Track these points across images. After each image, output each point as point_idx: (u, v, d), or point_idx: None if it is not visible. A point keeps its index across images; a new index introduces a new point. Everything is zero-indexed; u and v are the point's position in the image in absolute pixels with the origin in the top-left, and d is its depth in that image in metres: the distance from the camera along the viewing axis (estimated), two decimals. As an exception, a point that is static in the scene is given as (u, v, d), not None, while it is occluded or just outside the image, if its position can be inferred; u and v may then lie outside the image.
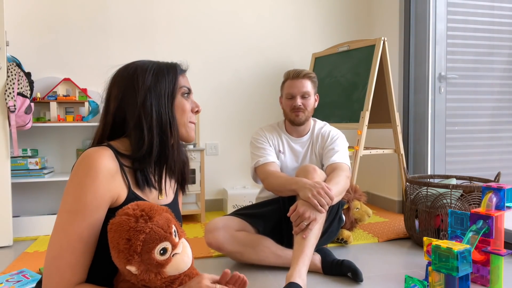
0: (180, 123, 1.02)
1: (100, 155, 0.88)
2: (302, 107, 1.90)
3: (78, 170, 0.87)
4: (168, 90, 0.99)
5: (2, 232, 2.15)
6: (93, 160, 0.87)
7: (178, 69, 1.04)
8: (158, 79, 0.99)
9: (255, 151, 1.93)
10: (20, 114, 2.20)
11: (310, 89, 1.92)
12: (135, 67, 1.00)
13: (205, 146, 3.02)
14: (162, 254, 0.81)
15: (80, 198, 0.85)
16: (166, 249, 0.82)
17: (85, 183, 0.85)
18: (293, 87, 1.91)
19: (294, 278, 1.43)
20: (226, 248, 1.74)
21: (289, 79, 1.94)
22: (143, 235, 0.79)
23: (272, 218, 1.82)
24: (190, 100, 1.05)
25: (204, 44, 3.00)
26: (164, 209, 0.88)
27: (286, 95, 1.94)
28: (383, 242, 2.21)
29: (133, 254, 0.79)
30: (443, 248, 1.30)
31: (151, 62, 1.02)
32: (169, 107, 0.99)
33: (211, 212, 2.97)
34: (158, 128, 0.96)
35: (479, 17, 2.72)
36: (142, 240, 0.79)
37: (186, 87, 1.04)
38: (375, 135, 3.08)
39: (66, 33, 2.71)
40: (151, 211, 0.83)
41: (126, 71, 1.00)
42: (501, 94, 2.76)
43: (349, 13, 3.30)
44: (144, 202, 0.86)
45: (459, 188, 1.94)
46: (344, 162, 1.85)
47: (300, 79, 1.90)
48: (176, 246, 0.84)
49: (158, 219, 0.82)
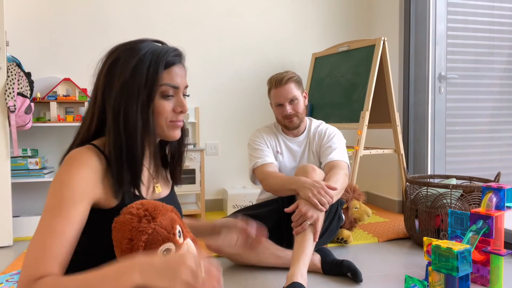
0: (156, 124, 0.91)
1: (86, 152, 0.86)
2: (293, 112, 1.89)
3: (60, 169, 0.85)
4: (143, 89, 0.87)
5: (2, 232, 2.15)
6: (77, 157, 0.85)
7: (162, 63, 0.89)
8: (135, 74, 0.87)
9: (253, 153, 1.93)
10: (20, 114, 2.20)
11: (296, 92, 1.88)
12: (122, 49, 0.91)
13: (205, 146, 3.02)
14: (165, 255, 0.79)
15: (57, 195, 0.81)
16: (170, 250, 0.80)
17: (63, 180, 0.82)
18: (279, 96, 1.88)
19: (296, 277, 1.43)
20: (226, 251, 1.74)
21: (272, 88, 1.91)
22: (145, 235, 0.78)
23: (271, 219, 1.82)
24: (173, 99, 0.92)
25: (204, 44, 3.00)
26: (169, 209, 0.86)
27: (274, 104, 1.93)
28: (383, 242, 2.21)
29: (136, 255, 0.77)
30: (443, 248, 1.30)
31: (141, 47, 0.90)
32: (141, 109, 0.87)
33: (211, 212, 2.97)
34: (124, 131, 0.87)
35: (479, 17, 2.72)
36: (144, 241, 0.78)
37: (169, 85, 0.90)
38: (375, 135, 3.08)
39: (66, 33, 2.71)
40: (155, 211, 0.81)
41: (113, 55, 0.91)
42: (501, 94, 2.76)
43: (349, 13, 3.30)
44: (149, 201, 0.84)
45: (459, 188, 1.94)
46: (342, 159, 1.85)
47: (283, 85, 1.86)
48: (180, 247, 0.82)
49: (162, 219, 0.81)
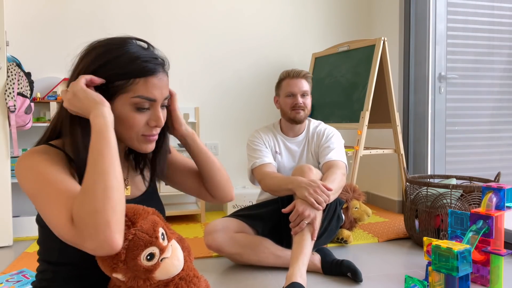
0: (125, 137, 0.85)
1: (40, 148, 0.81)
2: (303, 105, 1.92)
3: (21, 164, 0.78)
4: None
5: (2, 232, 2.15)
6: (33, 152, 0.79)
7: (142, 71, 0.82)
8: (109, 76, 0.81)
9: (252, 153, 1.94)
10: (20, 114, 2.20)
11: (308, 88, 1.96)
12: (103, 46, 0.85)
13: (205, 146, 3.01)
14: (149, 260, 0.77)
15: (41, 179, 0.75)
16: (153, 254, 0.78)
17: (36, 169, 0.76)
18: (293, 86, 1.93)
19: (296, 277, 1.43)
20: (226, 250, 1.74)
21: (288, 77, 1.95)
22: (125, 242, 0.75)
23: (271, 219, 1.83)
24: (148, 112, 0.85)
25: (204, 44, 3.00)
26: (150, 211, 0.83)
27: (286, 93, 1.95)
28: (383, 242, 2.21)
29: (117, 262, 0.75)
30: (443, 248, 1.30)
31: (121, 48, 0.83)
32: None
33: (211, 212, 2.97)
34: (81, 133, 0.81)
35: (479, 17, 2.72)
36: (125, 248, 0.75)
37: (143, 98, 0.82)
38: (375, 135, 3.08)
39: (66, 33, 2.71)
40: (134, 216, 0.78)
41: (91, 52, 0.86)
42: (501, 94, 2.75)
43: (349, 13, 3.30)
44: (128, 206, 0.80)
45: (459, 188, 1.94)
46: (339, 159, 1.86)
47: (300, 78, 1.94)
48: (164, 250, 0.80)
49: (143, 223, 0.78)
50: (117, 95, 0.82)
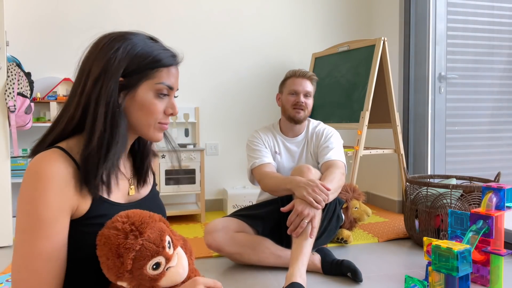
0: (143, 124, 0.88)
1: (50, 161, 0.78)
2: (304, 105, 1.93)
3: (26, 183, 0.77)
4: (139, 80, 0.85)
5: (2, 232, 2.15)
6: (41, 169, 0.77)
7: (168, 62, 0.88)
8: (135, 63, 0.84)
9: (251, 153, 1.94)
10: (20, 114, 2.20)
11: (312, 90, 1.98)
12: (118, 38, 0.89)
13: (205, 146, 3.02)
14: (155, 269, 0.77)
15: (32, 214, 0.76)
16: (159, 263, 0.77)
17: (34, 197, 0.76)
18: (297, 85, 1.94)
19: (296, 277, 1.43)
20: (226, 250, 1.74)
21: (293, 76, 1.97)
22: (133, 253, 0.74)
23: (271, 219, 1.83)
24: (166, 99, 0.89)
25: (204, 44, 3.00)
26: (157, 218, 0.82)
27: (289, 91, 1.96)
28: (383, 242, 2.21)
29: (123, 272, 0.75)
30: (443, 248, 1.30)
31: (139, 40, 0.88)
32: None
33: (211, 212, 2.97)
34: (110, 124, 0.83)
35: (479, 17, 2.72)
36: (132, 258, 0.74)
37: (165, 85, 0.87)
38: (375, 135, 3.08)
39: (66, 33, 2.71)
40: (141, 225, 0.77)
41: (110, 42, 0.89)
42: (501, 94, 2.75)
43: (349, 13, 3.30)
44: (135, 213, 0.79)
45: (459, 188, 1.94)
46: (338, 159, 1.86)
47: (305, 79, 1.96)
48: (170, 259, 0.80)
49: (150, 232, 0.77)
50: (142, 81, 0.86)
